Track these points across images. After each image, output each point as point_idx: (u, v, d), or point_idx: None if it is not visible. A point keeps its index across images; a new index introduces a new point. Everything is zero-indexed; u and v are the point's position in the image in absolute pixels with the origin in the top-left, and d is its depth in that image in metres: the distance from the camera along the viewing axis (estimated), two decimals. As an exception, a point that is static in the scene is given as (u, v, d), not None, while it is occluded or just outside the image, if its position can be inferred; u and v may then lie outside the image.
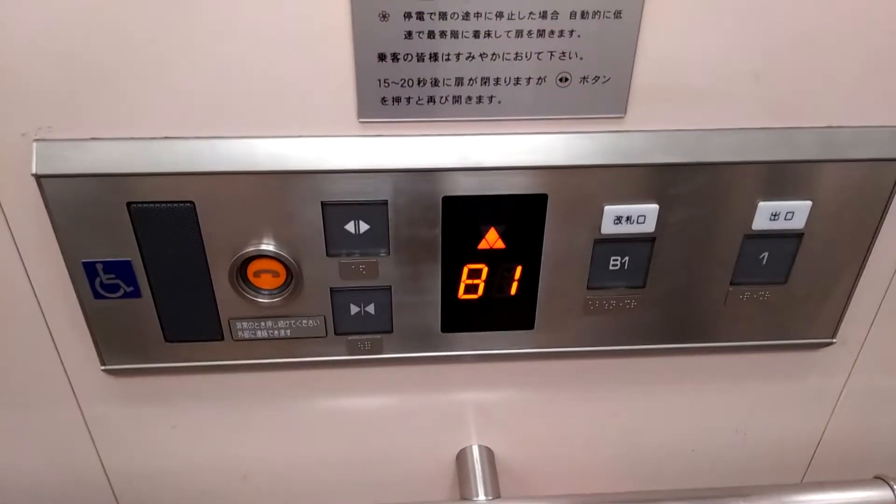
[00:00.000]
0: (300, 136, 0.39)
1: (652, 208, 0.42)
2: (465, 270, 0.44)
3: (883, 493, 0.51)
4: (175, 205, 0.40)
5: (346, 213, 0.41)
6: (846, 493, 0.51)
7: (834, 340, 0.50)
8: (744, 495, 0.51)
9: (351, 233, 0.42)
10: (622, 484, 0.58)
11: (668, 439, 0.56)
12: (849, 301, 0.48)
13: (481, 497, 0.52)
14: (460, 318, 0.46)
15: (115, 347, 0.45)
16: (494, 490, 0.52)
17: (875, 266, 0.47)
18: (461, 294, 0.45)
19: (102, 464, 0.53)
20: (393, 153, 0.40)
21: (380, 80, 0.38)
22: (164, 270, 0.42)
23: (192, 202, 0.40)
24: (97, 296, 0.43)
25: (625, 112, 0.40)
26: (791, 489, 0.52)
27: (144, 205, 0.40)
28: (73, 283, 0.42)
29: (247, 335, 0.45)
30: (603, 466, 0.57)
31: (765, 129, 0.41)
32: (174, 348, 0.46)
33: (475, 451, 0.55)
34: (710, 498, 0.50)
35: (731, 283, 0.46)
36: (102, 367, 0.46)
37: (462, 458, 0.55)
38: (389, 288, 0.44)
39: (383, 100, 0.39)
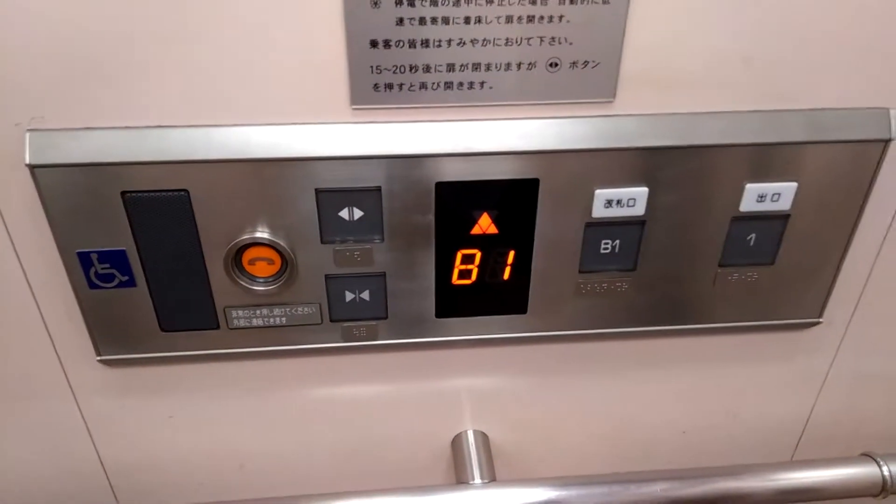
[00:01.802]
0: (293, 124, 0.40)
1: (642, 191, 0.43)
2: (459, 256, 0.45)
3: (870, 469, 0.52)
4: (169, 193, 0.40)
5: (340, 200, 0.42)
6: (834, 470, 0.52)
7: (821, 320, 0.51)
8: (734, 474, 0.52)
9: (345, 219, 0.42)
10: (615, 465, 0.59)
11: (659, 421, 0.57)
12: (834, 281, 0.49)
13: (477, 481, 0.52)
14: (454, 303, 0.47)
15: (111, 338, 0.46)
16: (490, 474, 0.53)
17: (859, 246, 0.48)
18: (455, 279, 0.46)
19: (98, 454, 0.53)
20: (385, 139, 0.40)
21: (372, 67, 0.38)
22: (160, 259, 0.42)
23: (186, 191, 0.40)
24: (92, 286, 0.43)
25: (614, 96, 0.41)
26: (781, 467, 0.53)
27: (139, 194, 0.40)
28: (68, 273, 0.42)
29: (242, 323, 0.46)
30: (596, 448, 0.58)
31: (751, 111, 0.42)
32: (170, 338, 0.46)
33: (470, 435, 0.55)
34: (704, 478, 0.51)
35: (720, 265, 0.47)
36: (98, 358, 0.46)
37: (457, 442, 0.55)
38: (384, 274, 0.45)
39: (375, 86, 0.39)
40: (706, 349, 0.53)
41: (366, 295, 0.46)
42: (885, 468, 0.51)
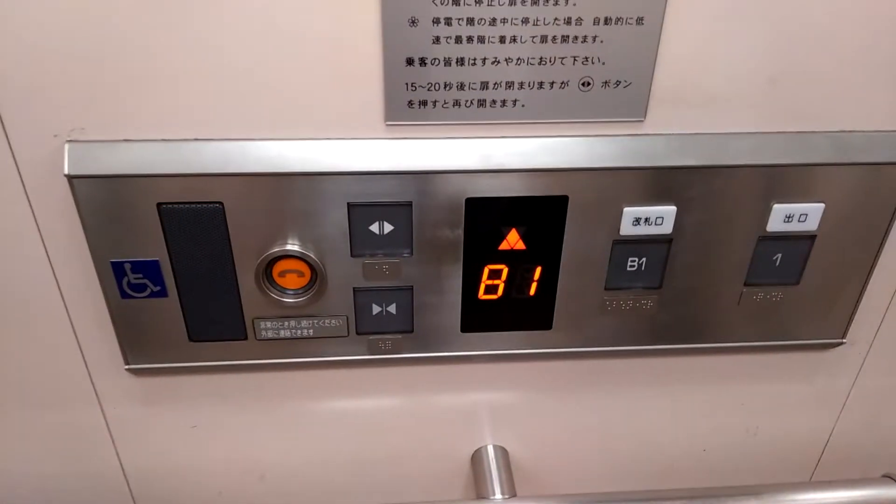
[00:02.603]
0: (328, 139, 0.40)
1: (670, 210, 0.43)
2: (486, 271, 0.45)
3: (891, 491, 0.52)
4: (204, 205, 0.40)
5: (372, 214, 0.42)
6: (855, 491, 0.52)
7: (844, 341, 0.51)
8: (755, 494, 0.52)
9: (375, 233, 0.43)
10: (635, 482, 0.59)
11: (680, 439, 0.57)
12: (859, 302, 0.49)
13: (497, 496, 0.53)
14: (480, 318, 0.47)
15: (140, 347, 0.46)
16: (510, 489, 0.53)
17: (884, 267, 0.48)
18: (481, 294, 0.46)
19: (121, 463, 0.54)
20: (418, 155, 0.41)
21: (407, 84, 0.39)
22: (192, 270, 0.43)
23: (220, 203, 0.40)
24: (124, 295, 0.43)
25: (644, 116, 0.41)
26: (801, 487, 0.53)
27: (174, 205, 0.40)
28: (101, 282, 0.43)
29: (270, 335, 0.46)
30: (616, 465, 0.58)
31: (779, 132, 0.42)
32: (198, 348, 0.46)
33: (490, 450, 0.56)
34: (723, 497, 0.51)
35: (745, 284, 0.47)
36: (126, 367, 0.46)
37: (477, 457, 0.56)
38: (411, 288, 0.45)
39: (410, 103, 0.39)
40: (728, 368, 0.53)
41: (392, 308, 0.46)
42: (906, 490, 0.51)
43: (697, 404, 0.55)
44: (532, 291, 0.46)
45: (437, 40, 0.37)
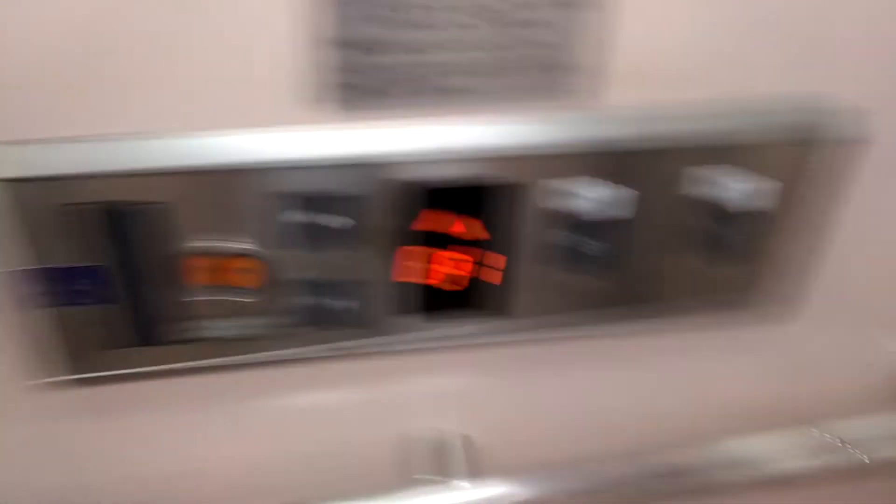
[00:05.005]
0: (276, 130, 0.38)
1: (626, 191, 0.43)
2: (443, 259, 0.44)
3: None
4: (145, 206, 0.38)
5: (322, 206, 0.41)
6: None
7: (792, 314, 0.52)
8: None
9: (326, 226, 0.41)
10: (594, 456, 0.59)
11: (638, 415, 0.58)
12: (806, 277, 0.50)
13: (464, 483, 0.52)
14: (437, 307, 0.46)
15: (85, 355, 0.43)
16: (474, 474, 0.53)
17: (833, 242, 0.49)
18: (439, 283, 0.45)
19: (66, 479, 0.51)
20: (372, 144, 0.39)
21: (361, 72, 0.37)
22: (136, 273, 0.40)
23: (163, 202, 0.38)
24: (67, 303, 0.41)
25: (602, 98, 0.40)
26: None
27: (115, 206, 0.38)
28: (41, 290, 0.40)
29: (221, 334, 0.44)
30: (582, 443, 0.58)
31: (732, 111, 0.42)
32: (146, 353, 0.44)
33: (454, 438, 0.55)
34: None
35: (701, 261, 0.47)
36: (70, 377, 0.44)
37: (442, 444, 0.55)
38: (366, 281, 0.44)
39: (364, 91, 0.38)
40: (684, 343, 0.54)
41: (348, 302, 0.45)
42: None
43: (654, 382, 0.56)
44: (491, 278, 0.45)
45: (392, 26, 0.36)
